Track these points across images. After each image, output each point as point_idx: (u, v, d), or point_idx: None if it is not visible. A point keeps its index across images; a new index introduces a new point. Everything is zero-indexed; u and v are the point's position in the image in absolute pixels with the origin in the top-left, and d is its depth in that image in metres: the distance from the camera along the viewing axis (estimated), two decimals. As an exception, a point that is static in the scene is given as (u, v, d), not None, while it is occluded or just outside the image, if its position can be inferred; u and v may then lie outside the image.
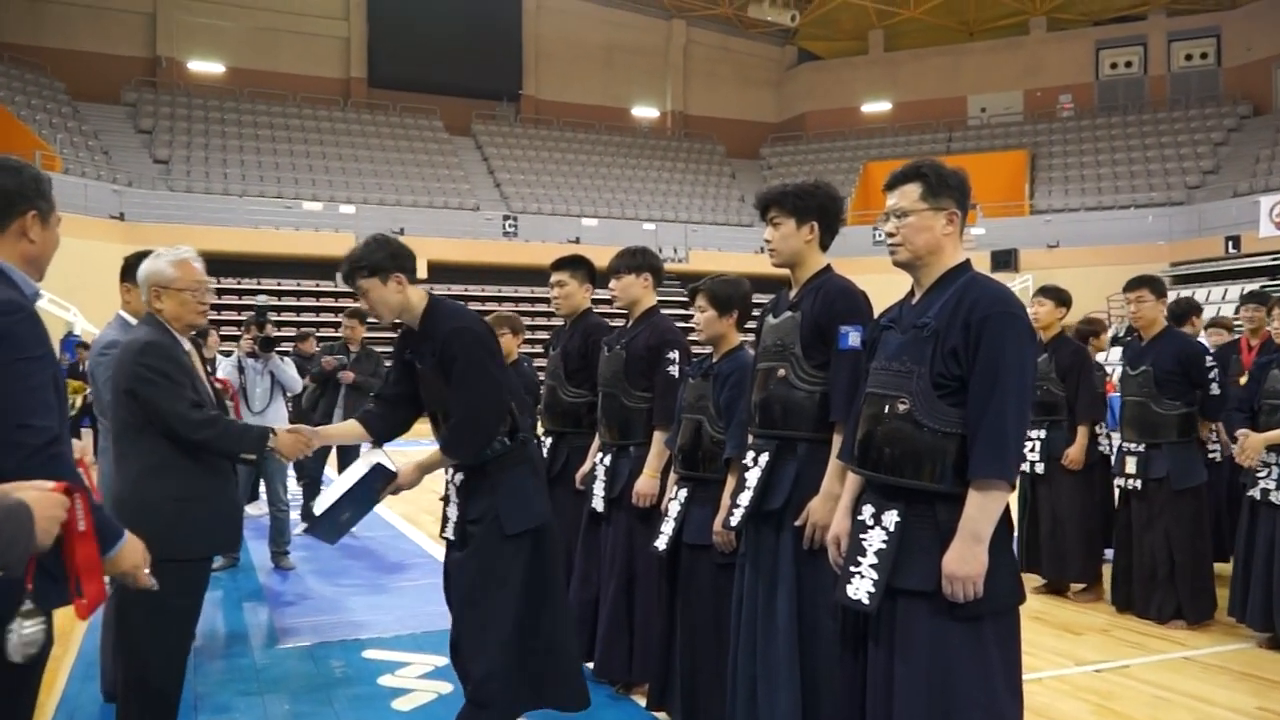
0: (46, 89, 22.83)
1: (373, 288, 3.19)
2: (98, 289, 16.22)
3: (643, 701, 3.83)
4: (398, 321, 3.33)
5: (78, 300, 15.40)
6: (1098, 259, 21.26)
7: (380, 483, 3.20)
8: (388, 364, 3.98)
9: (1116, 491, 5.49)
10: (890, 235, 2.49)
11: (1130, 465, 5.17)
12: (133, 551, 2.11)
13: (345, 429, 3.57)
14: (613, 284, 4.14)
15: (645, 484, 3.85)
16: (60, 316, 14.90)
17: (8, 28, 23.92)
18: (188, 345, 3.17)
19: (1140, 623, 5.13)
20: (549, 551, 3.32)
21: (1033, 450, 5.63)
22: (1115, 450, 5.52)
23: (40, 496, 1.55)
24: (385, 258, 3.19)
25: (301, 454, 3.23)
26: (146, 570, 2.15)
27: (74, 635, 4.74)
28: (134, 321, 3.53)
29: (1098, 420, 5.64)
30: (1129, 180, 25.05)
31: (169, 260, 3.12)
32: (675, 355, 3.91)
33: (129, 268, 3.61)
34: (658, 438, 3.87)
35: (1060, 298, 5.74)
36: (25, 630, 1.68)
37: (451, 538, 3.33)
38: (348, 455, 7.50)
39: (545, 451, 4.40)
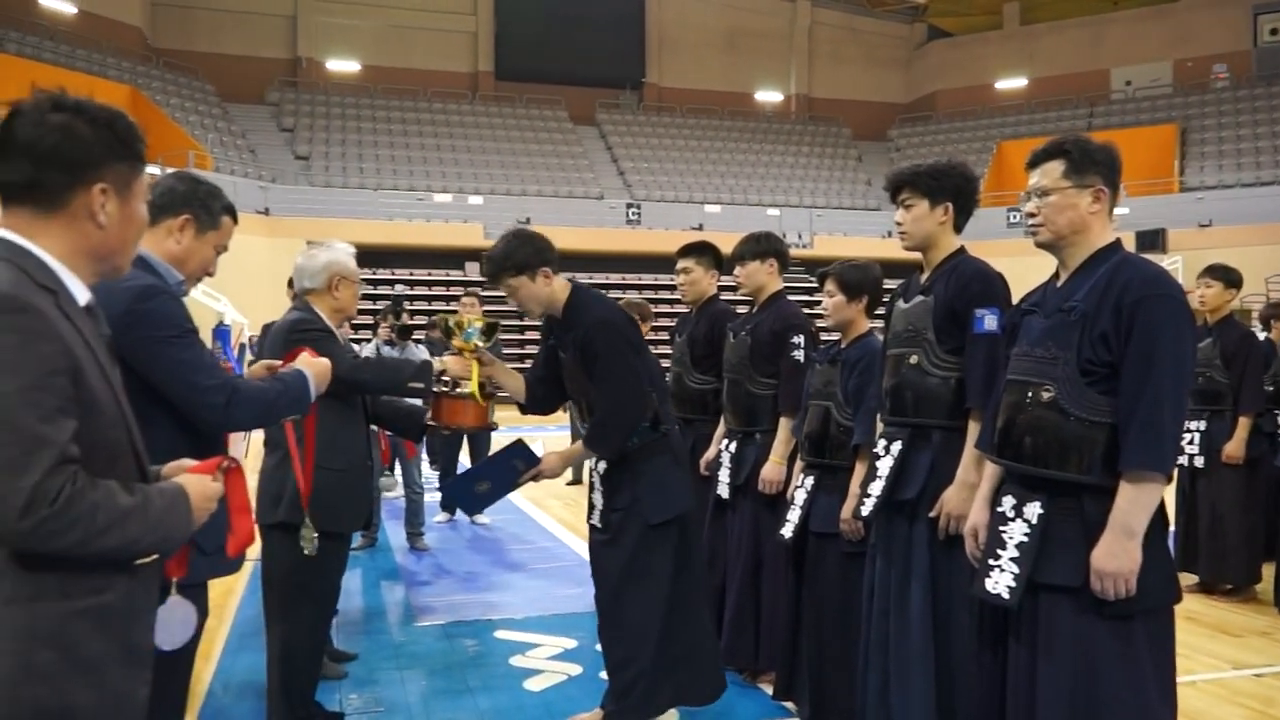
0: (198, 92, 24.16)
1: (522, 285, 3.21)
2: (246, 281, 17.12)
3: (770, 690, 3.80)
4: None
5: (227, 291, 16.26)
6: (1254, 238, 19.88)
7: (522, 463, 3.25)
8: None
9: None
10: (1031, 215, 2.38)
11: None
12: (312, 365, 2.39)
13: (513, 377, 3.48)
14: (737, 270, 4.10)
15: (771, 471, 3.81)
16: (211, 307, 15.75)
17: (162, 34, 25.42)
18: (337, 333, 3.36)
19: (1306, 626, 4.80)
20: (692, 542, 3.34)
21: (1191, 443, 5.31)
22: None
23: (199, 485, 1.64)
24: (531, 254, 3.20)
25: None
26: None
27: (228, 607, 5.02)
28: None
29: (1262, 411, 5.27)
30: (1291, 153, 23.36)
31: (348, 253, 3.35)
32: (800, 340, 3.85)
33: None
34: (783, 424, 3.82)
35: (1230, 278, 5.34)
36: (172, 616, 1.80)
37: (598, 524, 3.36)
38: (479, 446, 7.67)
39: None
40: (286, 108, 25.33)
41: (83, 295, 1.56)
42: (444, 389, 3.24)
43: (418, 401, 3.54)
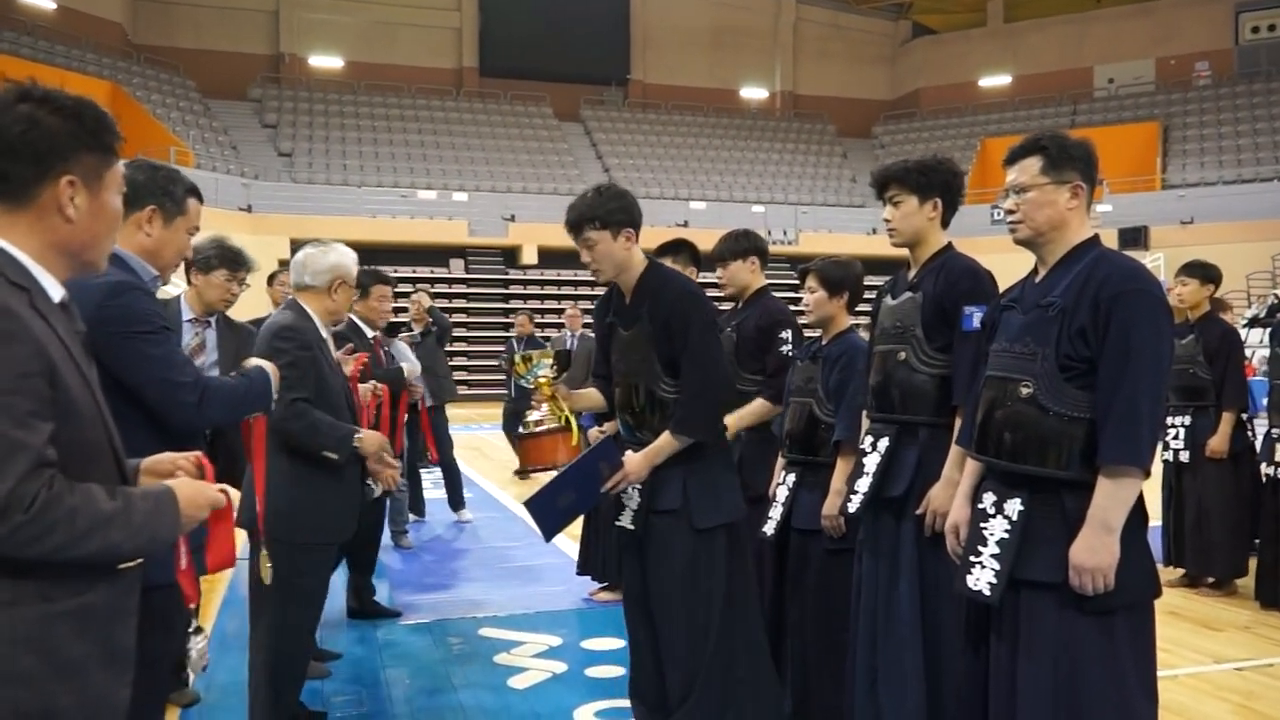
0: (180, 88, 24.00)
1: (602, 240, 2.97)
2: (228, 278, 16.85)
3: (754, 687, 3.80)
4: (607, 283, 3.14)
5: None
6: (1236, 235, 20.05)
7: (608, 467, 2.97)
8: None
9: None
10: (1010, 212, 2.38)
11: (1280, 453, 4.88)
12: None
13: (589, 397, 3.32)
14: (720, 271, 4.08)
15: (735, 421, 3.65)
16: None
17: (143, 30, 25.24)
18: (326, 334, 3.32)
19: (1286, 620, 4.84)
20: (744, 551, 3.11)
21: (1177, 438, 5.35)
22: (1262, 437, 5.20)
23: (190, 488, 1.61)
24: (618, 209, 2.98)
25: (383, 452, 3.24)
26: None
27: (210, 607, 4.99)
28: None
29: (1245, 407, 5.31)
30: (1271, 151, 23.54)
31: (353, 259, 3.32)
32: (788, 335, 3.83)
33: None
34: (759, 403, 3.75)
35: (1206, 274, 5.37)
36: (199, 646, 1.78)
37: (631, 526, 3.04)
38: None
39: None
40: (269, 104, 25.19)
41: (57, 292, 1.53)
42: (527, 431, 3.11)
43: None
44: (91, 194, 1.56)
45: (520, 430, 3.18)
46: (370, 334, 5.00)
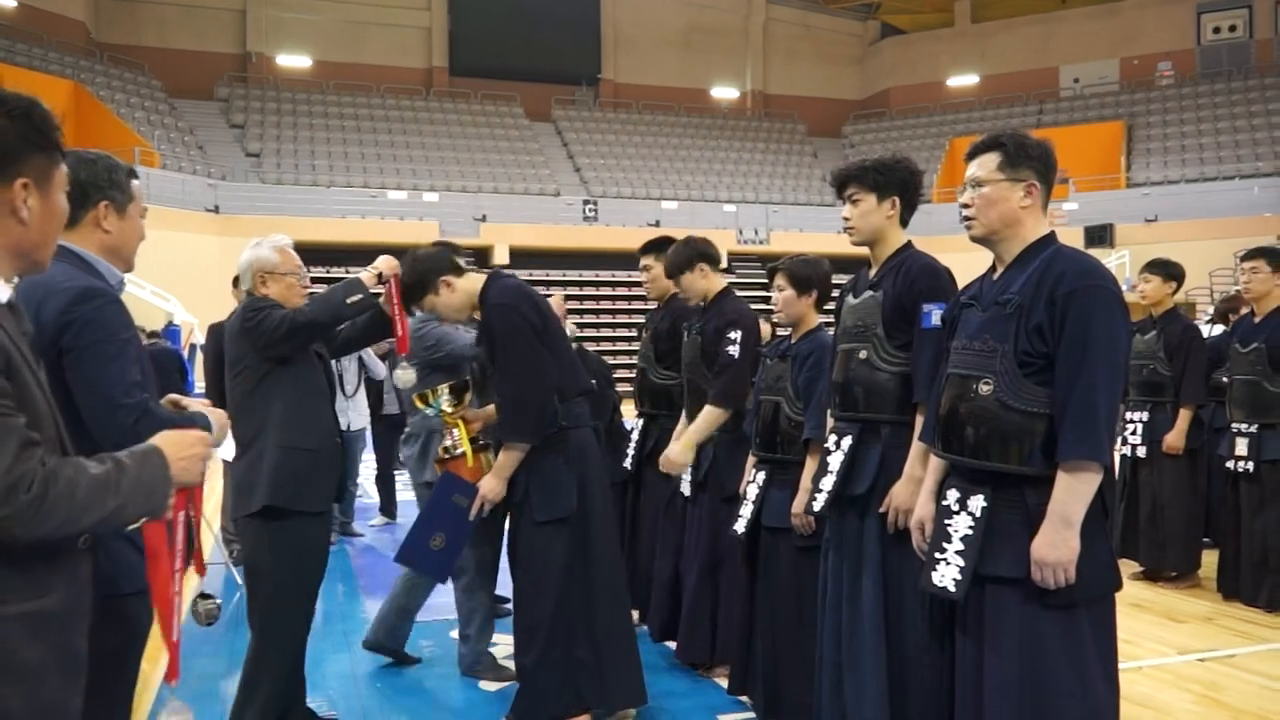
0: (145, 87, 23.68)
1: (434, 304, 3.35)
2: (195, 280, 16.74)
3: (725, 684, 3.81)
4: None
5: (177, 291, 15.96)
6: (1200, 233, 20.34)
7: (463, 498, 3.27)
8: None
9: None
10: (965, 207, 2.42)
11: (1241, 447, 4.95)
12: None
13: (491, 411, 3.59)
14: (673, 285, 4.14)
15: (676, 453, 3.85)
16: (160, 307, 15.45)
17: (107, 28, 24.89)
18: None
19: (1247, 610, 4.92)
20: (596, 545, 3.32)
21: (1134, 433, 5.43)
22: (1224, 432, 5.28)
23: (175, 438, 1.62)
24: (425, 270, 3.29)
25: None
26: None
27: (181, 610, 4.92)
28: None
29: (1203, 403, 5.40)
30: (1233, 150, 23.91)
31: (271, 246, 3.28)
32: (737, 335, 3.83)
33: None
34: (707, 410, 3.82)
35: (1168, 271, 5.46)
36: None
37: (484, 515, 3.40)
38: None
39: (636, 434, 4.41)
40: (236, 104, 24.92)
41: (3, 292, 1.52)
42: (442, 455, 3.42)
43: None
44: (43, 195, 1.57)
45: (440, 455, 3.40)
46: None
